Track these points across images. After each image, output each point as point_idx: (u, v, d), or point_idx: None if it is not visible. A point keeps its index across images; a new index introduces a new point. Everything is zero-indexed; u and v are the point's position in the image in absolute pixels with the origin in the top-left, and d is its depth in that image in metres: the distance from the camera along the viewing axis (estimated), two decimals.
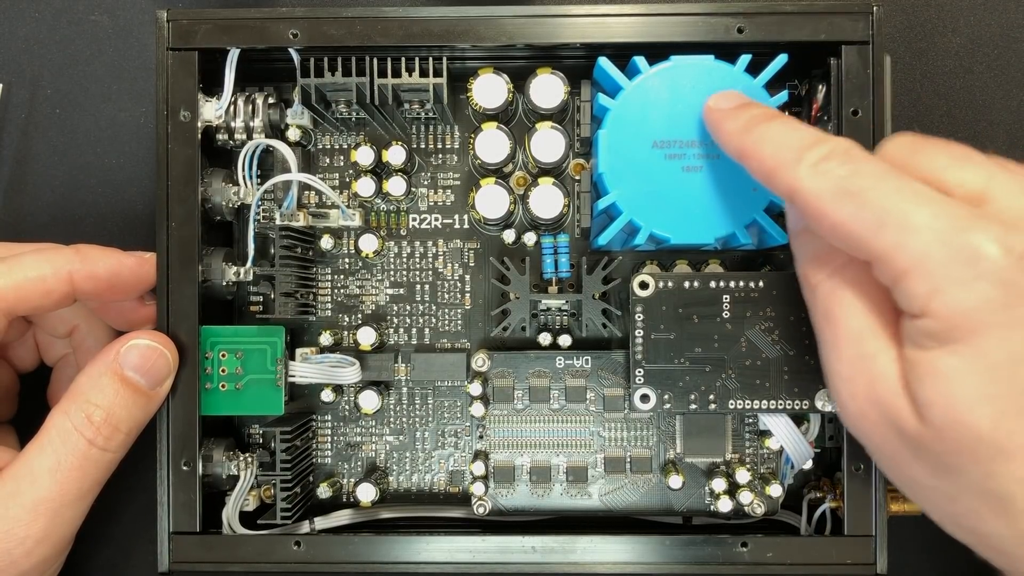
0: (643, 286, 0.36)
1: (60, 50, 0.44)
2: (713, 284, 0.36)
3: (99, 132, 0.44)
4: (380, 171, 0.40)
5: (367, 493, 0.38)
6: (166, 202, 0.36)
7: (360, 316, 0.41)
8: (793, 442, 0.37)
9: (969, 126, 0.43)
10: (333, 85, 0.37)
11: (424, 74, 0.37)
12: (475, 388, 0.39)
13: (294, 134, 0.39)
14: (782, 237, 0.35)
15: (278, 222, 0.38)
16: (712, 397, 0.36)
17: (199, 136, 0.36)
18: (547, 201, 0.37)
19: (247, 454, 0.38)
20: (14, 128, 0.44)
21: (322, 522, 0.39)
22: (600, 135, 0.34)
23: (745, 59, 0.34)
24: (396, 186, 0.39)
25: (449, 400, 0.41)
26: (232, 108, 0.38)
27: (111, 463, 0.35)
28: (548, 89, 0.37)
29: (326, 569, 0.36)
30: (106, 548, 0.44)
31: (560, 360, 0.39)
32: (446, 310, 0.41)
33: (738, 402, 0.36)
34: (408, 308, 0.41)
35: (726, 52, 0.35)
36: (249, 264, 0.38)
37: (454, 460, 0.41)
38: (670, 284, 0.36)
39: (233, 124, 0.38)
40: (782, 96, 0.35)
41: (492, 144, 0.37)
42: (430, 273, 0.41)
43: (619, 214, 0.34)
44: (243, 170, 0.38)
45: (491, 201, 0.38)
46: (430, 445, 0.41)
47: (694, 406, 0.36)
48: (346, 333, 0.41)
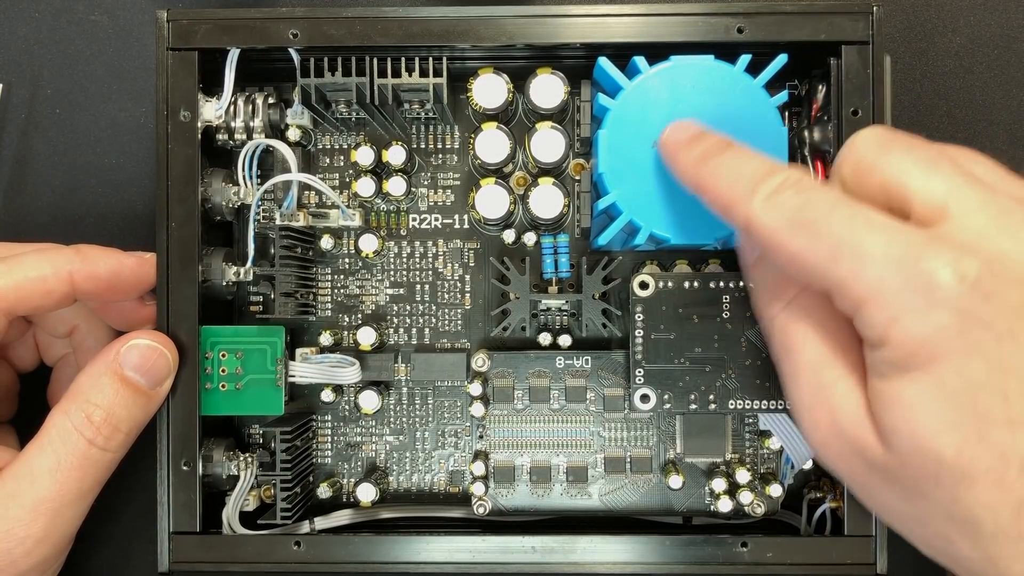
0: (643, 286, 0.37)
1: (60, 50, 0.44)
2: (713, 284, 0.36)
3: (99, 132, 0.44)
4: (380, 171, 0.40)
5: (367, 493, 0.38)
6: (166, 202, 0.36)
7: (360, 316, 0.41)
8: (793, 442, 0.37)
9: (969, 126, 0.43)
10: (333, 85, 0.37)
11: (424, 74, 0.37)
12: (475, 388, 0.39)
13: (294, 134, 0.39)
14: None
15: (278, 222, 0.38)
16: (712, 397, 0.36)
17: (199, 136, 0.36)
18: (547, 201, 0.37)
19: (247, 454, 0.38)
20: (14, 128, 0.44)
21: (322, 522, 0.39)
22: (600, 135, 0.34)
23: (745, 59, 0.34)
24: (396, 186, 0.39)
25: (449, 400, 0.41)
26: (232, 108, 0.38)
27: (111, 463, 0.35)
28: (548, 89, 0.37)
29: (326, 569, 0.36)
30: (106, 548, 0.44)
31: (560, 360, 0.39)
32: (446, 310, 0.41)
33: (738, 402, 0.36)
34: (408, 308, 0.41)
35: (726, 52, 0.35)
36: (249, 264, 0.38)
37: (454, 460, 0.41)
38: (670, 284, 0.36)
39: (233, 124, 0.38)
40: (782, 96, 0.35)
41: (492, 144, 0.37)
42: (430, 273, 0.41)
43: (619, 214, 0.34)
44: (243, 170, 0.38)
45: (491, 201, 0.38)
46: (430, 445, 0.41)
47: (694, 406, 0.37)
48: (346, 333, 0.41)
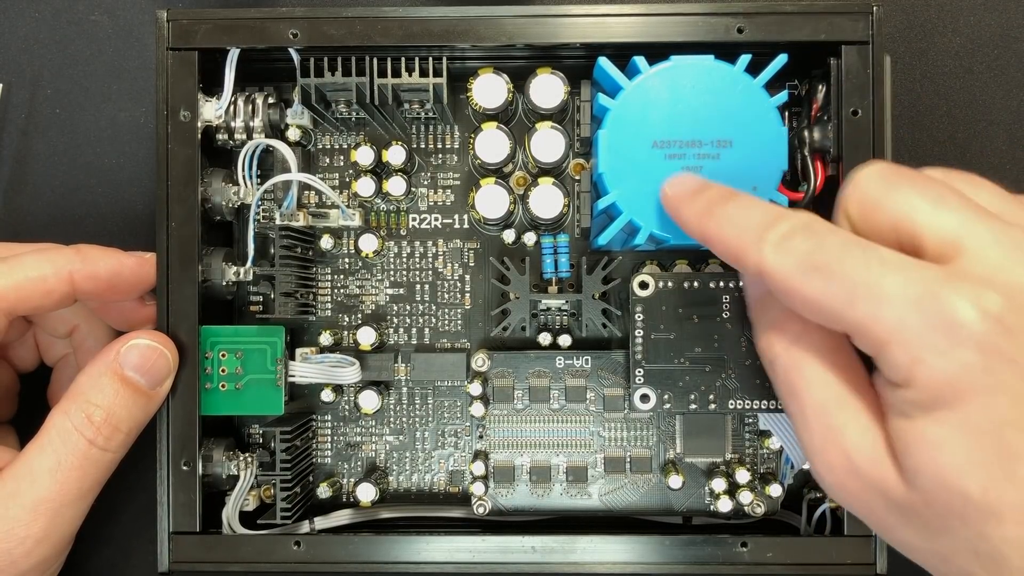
0: (643, 286, 0.37)
1: (60, 50, 0.44)
2: (713, 284, 0.36)
3: (99, 132, 0.44)
4: (380, 171, 0.40)
5: (367, 493, 0.38)
6: (166, 202, 0.36)
7: (360, 316, 0.41)
8: (793, 442, 0.37)
9: (969, 126, 0.43)
10: (333, 85, 0.37)
11: (424, 74, 0.37)
12: (475, 388, 0.39)
13: (294, 134, 0.39)
14: None
15: (278, 222, 0.38)
16: (712, 397, 0.36)
17: (199, 136, 0.36)
18: (547, 201, 0.37)
19: (247, 454, 0.38)
20: (14, 128, 0.44)
21: (322, 522, 0.39)
22: (600, 135, 0.34)
23: (745, 59, 0.34)
24: (396, 186, 0.39)
25: (449, 400, 0.41)
26: (232, 108, 0.38)
27: (111, 463, 0.35)
28: (548, 89, 0.37)
29: (326, 569, 0.36)
30: (106, 548, 0.44)
31: (560, 360, 0.39)
32: (446, 310, 0.41)
33: (738, 402, 0.36)
34: (408, 308, 0.41)
35: (726, 52, 0.35)
36: (249, 264, 0.38)
37: (454, 460, 0.41)
38: (670, 284, 0.36)
39: (233, 124, 0.38)
40: (782, 96, 0.35)
41: (492, 144, 0.37)
42: (430, 273, 0.41)
43: (619, 214, 0.34)
44: (243, 170, 0.38)
45: (491, 201, 0.38)
46: (430, 445, 0.41)
47: (694, 406, 0.37)
48: (346, 333, 0.41)
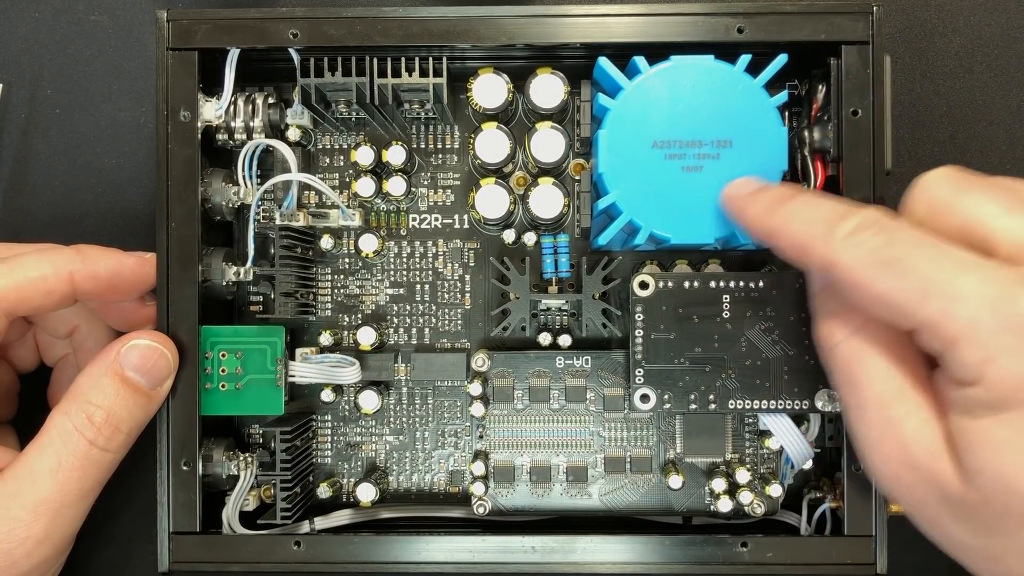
0: (643, 286, 0.37)
1: (60, 50, 0.44)
2: (713, 284, 0.36)
3: (99, 132, 0.44)
4: (380, 171, 0.40)
5: (367, 493, 0.38)
6: (166, 202, 0.36)
7: (360, 316, 0.41)
8: (793, 442, 0.37)
9: (969, 126, 0.43)
10: (333, 85, 0.37)
11: (424, 74, 0.37)
12: (475, 388, 0.39)
13: (294, 134, 0.39)
14: None
15: (278, 222, 0.38)
16: (712, 397, 0.36)
17: (199, 136, 0.36)
18: (547, 201, 0.37)
19: (247, 454, 0.38)
20: (14, 128, 0.44)
21: (322, 522, 0.39)
22: (600, 135, 0.34)
23: (745, 59, 0.34)
24: (396, 186, 0.39)
25: (449, 400, 0.41)
26: (232, 108, 0.38)
27: (112, 463, 0.35)
28: (548, 89, 0.37)
29: (326, 569, 0.36)
30: (106, 548, 0.44)
31: (560, 360, 0.39)
32: (446, 310, 0.41)
33: (738, 402, 0.36)
34: (408, 308, 0.41)
35: (726, 52, 0.35)
36: (249, 264, 0.38)
37: (454, 460, 0.41)
38: (670, 284, 0.36)
39: (233, 124, 0.38)
40: (782, 96, 0.35)
41: (492, 144, 0.37)
42: (430, 273, 0.41)
43: (619, 214, 0.34)
44: (243, 170, 0.38)
45: (491, 201, 0.38)
46: (430, 445, 0.41)
47: (694, 406, 0.37)
48: (346, 333, 0.41)
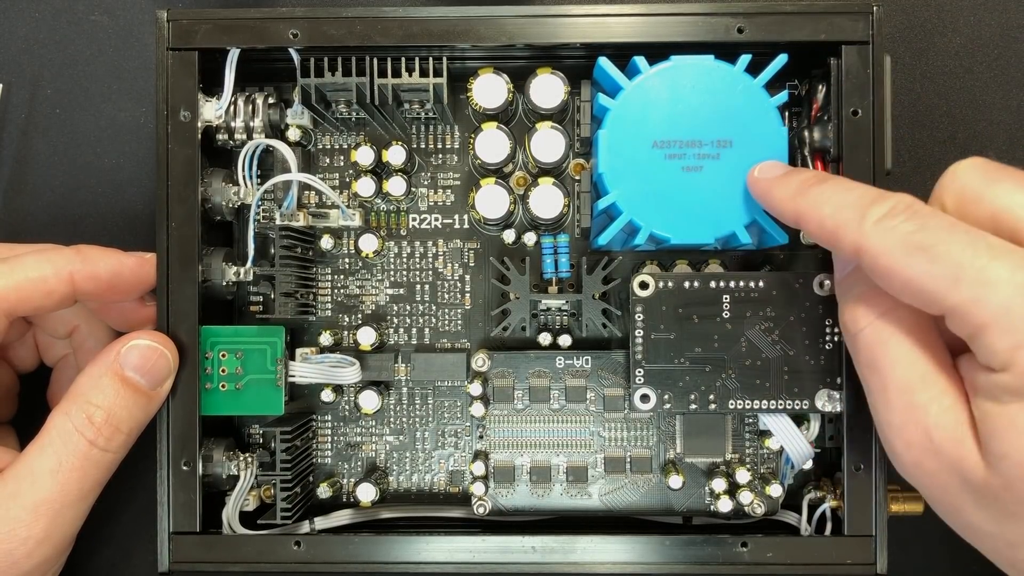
0: (643, 286, 0.37)
1: (60, 50, 0.44)
2: (713, 284, 0.36)
3: (99, 132, 0.44)
4: (380, 171, 0.40)
5: (367, 493, 0.38)
6: (166, 202, 0.36)
7: (360, 316, 0.41)
8: (793, 442, 0.37)
9: (969, 126, 0.43)
10: (333, 85, 0.37)
11: (424, 74, 0.37)
12: (475, 388, 0.39)
13: (294, 134, 0.39)
14: (782, 237, 0.35)
15: (278, 222, 0.38)
16: (712, 397, 0.36)
17: (199, 136, 0.36)
18: (547, 201, 0.37)
19: (247, 454, 0.38)
20: (14, 128, 0.44)
21: (322, 522, 0.39)
22: (600, 135, 0.34)
23: (745, 59, 0.34)
24: (396, 186, 0.39)
25: (449, 400, 0.41)
26: (232, 108, 0.38)
27: (112, 464, 0.35)
28: (548, 89, 0.37)
29: (326, 569, 0.36)
30: (106, 548, 0.44)
31: (560, 360, 0.39)
32: (446, 310, 0.41)
33: (738, 402, 0.36)
34: (408, 308, 0.41)
35: (726, 52, 0.35)
36: (249, 264, 0.38)
37: (454, 460, 0.41)
38: (670, 284, 0.36)
39: (233, 124, 0.38)
40: (782, 96, 0.35)
41: (492, 144, 0.37)
42: (430, 273, 0.41)
43: (619, 214, 0.34)
44: (243, 170, 0.38)
45: (491, 201, 0.38)
46: (430, 445, 0.41)
47: (694, 406, 0.37)
48: (346, 333, 0.41)
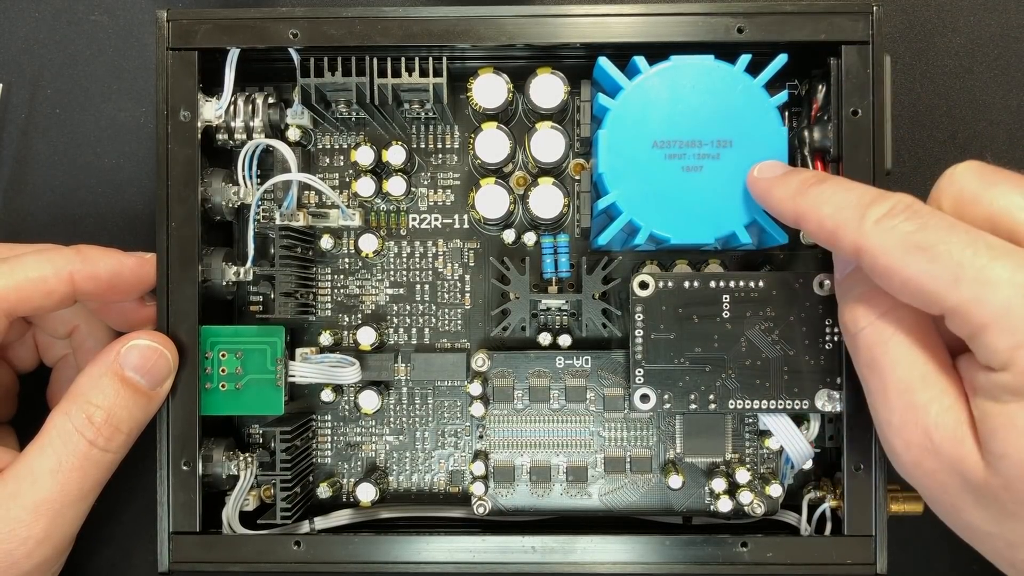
0: (643, 286, 0.37)
1: (60, 50, 0.44)
2: (713, 284, 0.36)
3: (99, 132, 0.44)
4: (380, 171, 0.40)
5: (367, 493, 0.38)
6: (166, 202, 0.36)
7: (360, 316, 0.41)
8: (793, 442, 0.37)
9: (969, 126, 0.43)
10: (333, 85, 0.37)
11: (424, 74, 0.37)
12: (475, 388, 0.39)
13: (294, 134, 0.39)
14: (782, 237, 0.35)
15: (278, 222, 0.38)
16: (712, 397, 0.36)
17: (199, 136, 0.36)
18: (547, 201, 0.37)
19: (247, 454, 0.38)
20: (14, 128, 0.44)
21: (322, 522, 0.39)
22: (600, 135, 0.34)
23: (745, 59, 0.34)
24: (396, 186, 0.39)
25: (449, 400, 0.41)
26: (232, 108, 0.38)
27: (112, 464, 0.35)
28: (548, 89, 0.37)
29: (326, 569, 0.36)
30: (106, 548, 0.44)
31: (560, 360, 0.39)
32: (446, 310, 0.41)
33: (738, 402, 0.36)
34: (408, 308, 0.41)
35: (726, 52, 0.35)
36: (249, 264, 0.38)
37: (454, 460, 0.41)
38: (670, 284, 0.36)
39: (233, 124, 0.38)
40: (782, 96, 0.35)
41: (492, 144, 0.37)
42: (430, 273, 0.41)
43: (619, 214, 0.34)
44: (243, 170, 0.38)
45: (491, 201, 0.38)
46: (430, 445, 0.41)
47: (694, 406, 0.37)
48: (346, 333, 0.41)
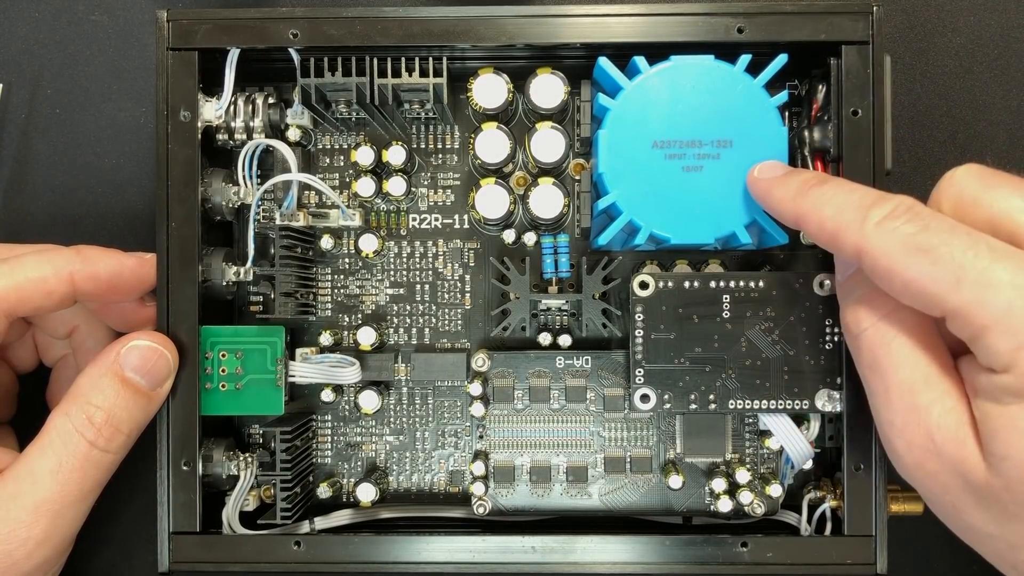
0: (643, 286, 0.37)
1: (60, 50, 0.44)
2: (713, 284, 0.36)
3: (99, 132, 0.44)
4: (380, 171, 0.40)
5: (367, 493, 0.38)
6: (166, 202, 0.36)
7: (360, 316, 0.41)
8: (793, 442, 0.37)
9: (969, 126, 0.43)
10: (333, 85, 0.37)
11: (424, 74, 0.37)
12: (475, 388, 0.39)
13: (294, 134, 0.39)
14: (782, 237, 0.35)
15: (278, 222, 0.38)
16: (712, 397, 0.36)
17: (199, 136, 0.36)
18: (547, 201, 0.37)
19: (247, 454, 0.38)
20: (14, 128, 0.44)
21: (322, 522, 0.39)
22: (600, 135, 0.34)
23: (745, 59, 0.34)
24: (396, 186, 0.39)
25: (449, 400, 0.41)
26: (232, 108, 0.38)
27: (112, 464, 0.35)
28: (548, 89, 0.37)
29: (326, 569, 0.36)
30: (106, 548, 0.44)
31: (560, 360, 0.39)
32: (446, 310, 0.41)
33: (738, 402, 0.36)
34: (408, 308, 0.41)
35: (726, 52, 0.35)
36: (249, 264, 0.38)
37: (454, 460, 0.41)
38: (670, 284, 0.36)
39: (233, 124, 0.38)
40: (782, 96, 0.35)
41: (492, 144, 0.37)
42: (430, 273, 0.41)
43: (619, 214, 0.34)
44: (243, 170, 0.38)
45: (491, 201, 0.38)
46: (430, 445, 0.41)
47: (694, 406, 0.37)
48: (346, 333, 0.41)
